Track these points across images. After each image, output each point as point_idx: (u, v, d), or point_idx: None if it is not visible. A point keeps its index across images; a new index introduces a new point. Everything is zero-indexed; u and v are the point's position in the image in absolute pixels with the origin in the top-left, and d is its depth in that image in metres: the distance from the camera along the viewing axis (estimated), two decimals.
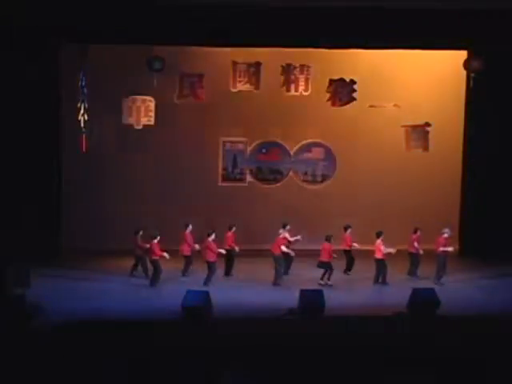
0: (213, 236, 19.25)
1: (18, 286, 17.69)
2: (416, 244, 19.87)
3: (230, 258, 20.11)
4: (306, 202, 22.93)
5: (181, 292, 16.50)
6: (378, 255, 19.45)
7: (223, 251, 19.52)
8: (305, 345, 14.82)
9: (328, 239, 19.35)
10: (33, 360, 13.70)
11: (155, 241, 18.93)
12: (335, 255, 19.44)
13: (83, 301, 17.43)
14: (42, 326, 15.28)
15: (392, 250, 19.35)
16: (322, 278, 19.24)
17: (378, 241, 19.46)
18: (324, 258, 19.31)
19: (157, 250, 18.91)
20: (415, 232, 20.01)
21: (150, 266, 19.41)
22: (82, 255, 21.36)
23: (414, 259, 20.04)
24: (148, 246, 19.14)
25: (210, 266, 19.18)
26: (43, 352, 14.00)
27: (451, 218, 22.52)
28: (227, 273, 20.21)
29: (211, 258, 19.17)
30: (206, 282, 18.96)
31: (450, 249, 19.56)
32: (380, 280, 19.46)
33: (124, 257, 20.54)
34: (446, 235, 19.59)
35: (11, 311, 15.63)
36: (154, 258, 18.99)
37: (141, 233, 19.62)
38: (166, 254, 18.94)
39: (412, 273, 20.12)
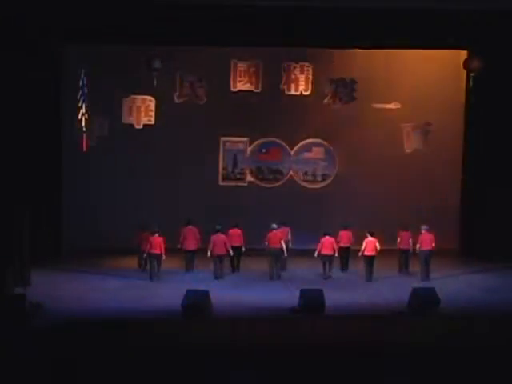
0: (220, 232, 19.57)
1: (18, 286, 17.72)
2: (410, 241, 19.97)
3: (237, 255, 20.24)
4: (306, 202, 22.93)
5: (181, 291, 16.51)
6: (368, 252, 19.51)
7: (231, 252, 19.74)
8: (305, 344, 14.88)
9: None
10: (32, 359, 13.73)
11: (156, 235, 19.10)
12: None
13: (83, 300, 17.40)
14: (41, 326, 15.29)
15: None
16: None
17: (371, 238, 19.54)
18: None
19: (155, 244, 19.02)
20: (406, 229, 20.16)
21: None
22: (82, 255, 21.39)
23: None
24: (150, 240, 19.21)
25: (215, 260, 19.45)
26: (43, 351, 14.02)
27: (451, 217, 22.57)
28: (236, 268, 20.39)
29: (220, 251, 19.42)
30: (219, 275, 19.48)
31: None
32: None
33: (124, 256, 20.56)
34: (423, 231, 19.67)
35: (11, 311, 15.65)
36: (155, 252, 19.06)
37: (149, 228, 19.60)
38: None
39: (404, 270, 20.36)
